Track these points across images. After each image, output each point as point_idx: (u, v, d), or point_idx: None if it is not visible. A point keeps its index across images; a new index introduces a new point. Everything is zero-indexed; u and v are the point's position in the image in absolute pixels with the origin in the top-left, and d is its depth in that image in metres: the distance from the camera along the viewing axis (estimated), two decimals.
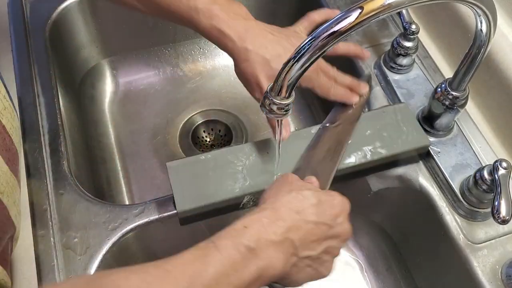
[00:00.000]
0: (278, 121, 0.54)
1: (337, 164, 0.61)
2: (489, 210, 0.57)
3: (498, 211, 0.53)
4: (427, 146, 0.65)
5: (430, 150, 0.66)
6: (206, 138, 0.92)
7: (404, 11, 0.71)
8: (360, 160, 0.63)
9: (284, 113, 0.49)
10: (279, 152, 0.59)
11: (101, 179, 0.84)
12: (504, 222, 0.53)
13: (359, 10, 0.42)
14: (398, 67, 0.74)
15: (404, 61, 0.73)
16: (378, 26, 0.81)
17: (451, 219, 0.63)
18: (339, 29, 0.43)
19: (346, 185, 0.62)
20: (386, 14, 0.43)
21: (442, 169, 0.65)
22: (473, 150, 0.66)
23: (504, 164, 0.56)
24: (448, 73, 0.75)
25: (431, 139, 0.67)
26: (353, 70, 0.76)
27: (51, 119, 0.70)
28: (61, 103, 0.74)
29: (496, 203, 0.54)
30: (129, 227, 0.60)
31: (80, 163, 0.75)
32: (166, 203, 0.62)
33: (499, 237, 0.61)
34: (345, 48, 0.68)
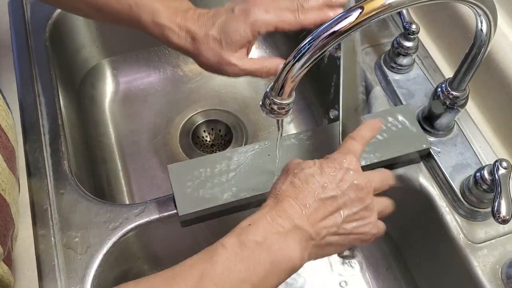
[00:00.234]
0: (278, 121, 0.54)
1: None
2: (489, 209, 0.57)
3: (498, 211, 0.53)
4: (428, 149, 0.65)
5: (430, 150, 0.66)
6: (207, 138, 0.92)
7: (404, 11, 0.71)
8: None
9: (284, 112, 0.49)
10: (280, 152, 0.59)
11: (101, 179, 0.84)
12: (504, 221, 0.53)
13: (359, 10, 0.42)
14: (398, 67, 0.73)
15: (404, 61, 0.73)
16: (378, 26, 0.81)
17: (451, 219, 0.63)
18: (339, 29, 0.43)
19: None
20: (386, 14, 0.43)
21: (442, 169, 0.65)
22: (473, 150, 0.66)
23: (504, 163, 0.56)
24: (448, 73, 0.75)
25: (431, 139, 0.67)
26: None
27: (52, 119, 0.70)
28: (61, 103, 0.74)
29: (496, 203, 0.54)
30: (129, 227, 0.60)
31: (80, 163, 0.75)
32: (166, 203, 0.62)
33: (499, 237, 0.61)
34: (314, 16, 0.56)
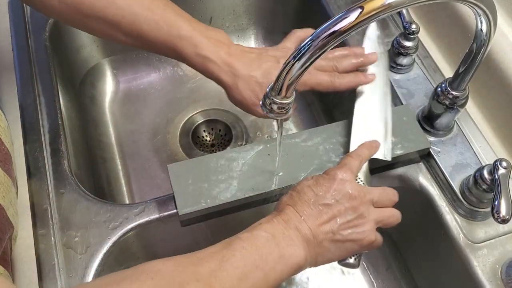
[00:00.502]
0: (278, 120, 0.54)
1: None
2: (489, 209, 0.57)
3: (498, 211, 0.53)
4: (428, 149, 0.65)
5: (430, 150, 0.66)
6: (206, 137, 0.92)
7: (404, 11, 0.71)
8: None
9: (284, 112, 0.49)
10: (280, 152, 0.59)
11: (101, 179, 0.84)
12: (504, 221, 0.53)
13: (359, 10, 0.42)
14: (398, 67, 0.74)
15: (404, 60, 0.73)
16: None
17: (451, 219, 0.63)
18: (339, 28, 0.43)
19: None
20: (386, 14, 0.43)
21: (442, 168, 0.65)
22: (473, 149, 0.66)
23: (504, 163, 0.56)
24: (448, 72, 0.75)
25: (431, 139, 0.67)
26: None
27: (52, 119, 0.70)
28: (61, 103, 0.74)
29: (496, 203, 0.54)
30: (129, 226, 0.60)
31: (80, 163, 0.75)
32: (166, 202, 0.62)
33: (499, 236, 0.61)
34: (348, 81, 0.65)
